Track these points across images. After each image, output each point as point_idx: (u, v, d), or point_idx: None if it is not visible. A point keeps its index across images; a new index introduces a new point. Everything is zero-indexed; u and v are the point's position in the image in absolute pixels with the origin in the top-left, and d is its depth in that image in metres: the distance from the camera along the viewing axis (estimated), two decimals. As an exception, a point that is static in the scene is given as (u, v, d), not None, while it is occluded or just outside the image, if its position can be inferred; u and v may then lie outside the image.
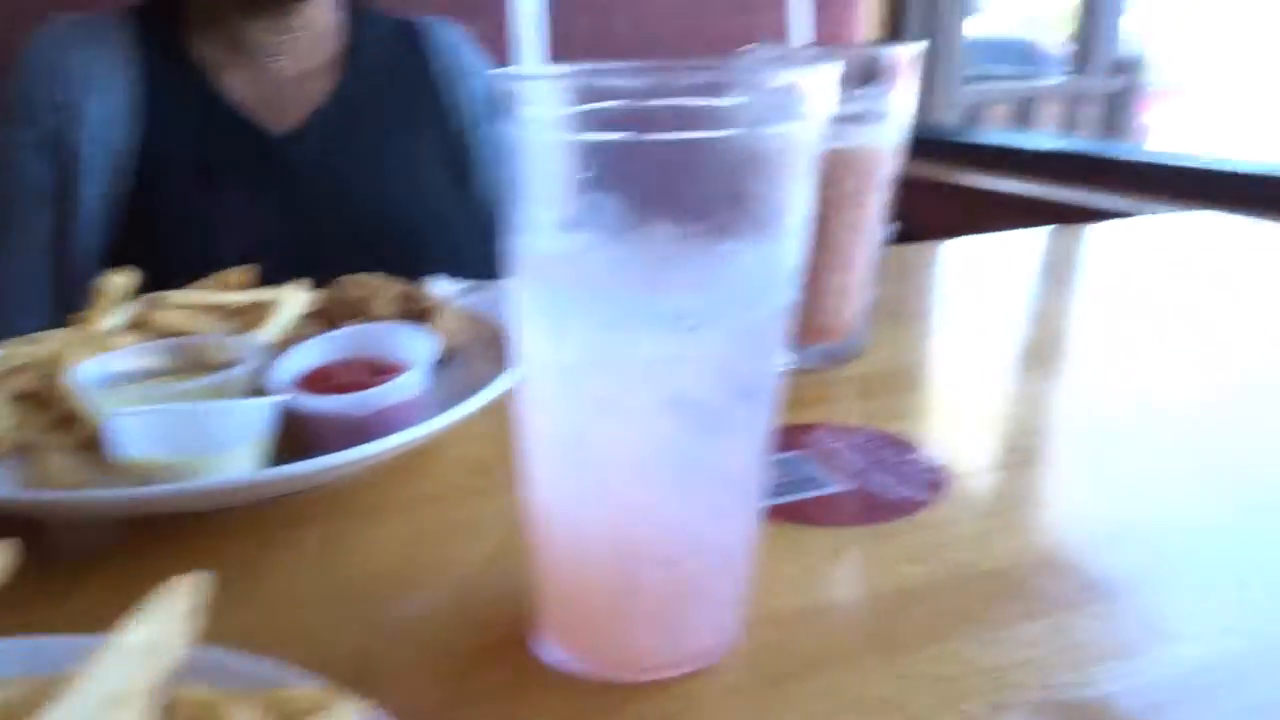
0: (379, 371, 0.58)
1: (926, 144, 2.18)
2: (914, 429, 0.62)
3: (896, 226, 1.07)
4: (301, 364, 0.60)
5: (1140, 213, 1.48)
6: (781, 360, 0.37)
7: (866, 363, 0.74)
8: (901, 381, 0.71)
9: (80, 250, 1.03)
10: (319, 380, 0.58)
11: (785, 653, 0.41)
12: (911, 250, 1.13)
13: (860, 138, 0.66)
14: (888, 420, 0.63)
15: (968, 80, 2.41)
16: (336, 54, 1.13)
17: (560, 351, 0.33)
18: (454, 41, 1.18)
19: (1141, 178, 1.71)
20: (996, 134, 2.23)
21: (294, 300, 0.68)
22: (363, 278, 0.72)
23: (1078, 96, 2.58)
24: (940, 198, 1.98)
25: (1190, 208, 1.42)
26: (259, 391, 0.58)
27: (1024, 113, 2.49)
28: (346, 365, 0.60)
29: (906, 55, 0.66)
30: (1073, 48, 2.62)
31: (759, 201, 0.33)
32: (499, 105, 0.32)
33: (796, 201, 0.35)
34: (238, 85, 1.07)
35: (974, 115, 2.41)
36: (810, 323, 0.71)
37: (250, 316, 0.68)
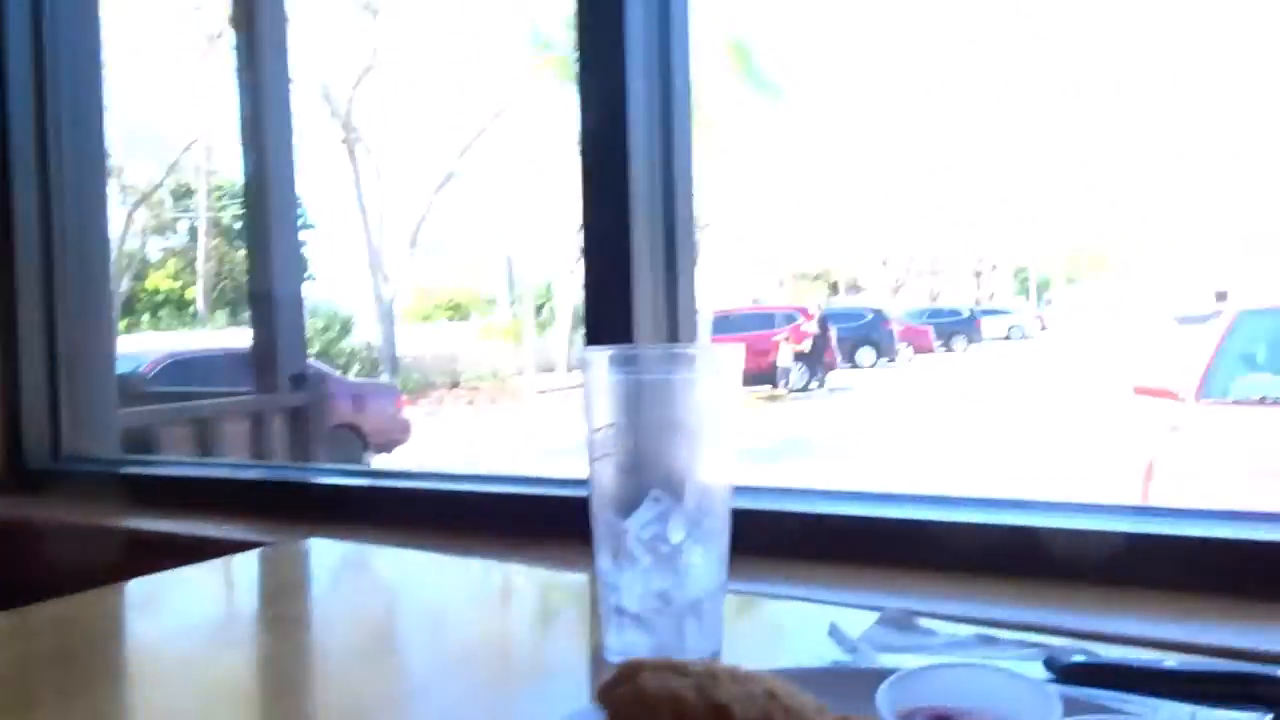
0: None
1: (73, 480, 1.89)
2: None
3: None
4: None
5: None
6: None
7: None
8: None
9: None
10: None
11: None
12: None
13: None
14: None
15: (143, 399, 2.23)
16: None
17: None
18: None
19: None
20: (165, 464, 2.06)
21: None
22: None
23: (262, 412, 2.55)
24: (95, 546, 1.69)
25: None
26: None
27: (208, 433, 2.37)
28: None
29: None
30: (253, 363, 2.62)
31: None
32: None
33: None
34: None
35: (147, 441, 2.20)
36: None
37: None
